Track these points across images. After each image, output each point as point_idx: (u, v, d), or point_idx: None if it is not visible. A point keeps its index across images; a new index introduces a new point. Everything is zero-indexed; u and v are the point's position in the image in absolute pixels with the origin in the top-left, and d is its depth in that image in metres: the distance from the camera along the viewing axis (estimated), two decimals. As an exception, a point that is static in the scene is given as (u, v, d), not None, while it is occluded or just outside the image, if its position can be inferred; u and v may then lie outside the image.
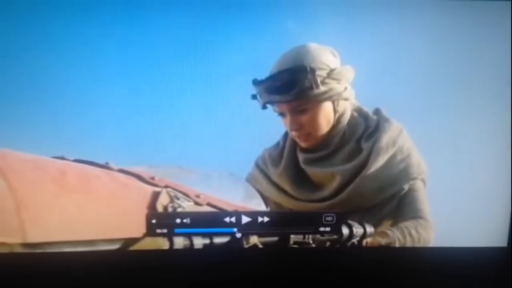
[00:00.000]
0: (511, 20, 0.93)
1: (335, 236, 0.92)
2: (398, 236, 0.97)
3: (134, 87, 0.92)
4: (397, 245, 0.97)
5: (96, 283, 0.86)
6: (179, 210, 0.81)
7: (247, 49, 0.94)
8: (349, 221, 0.94)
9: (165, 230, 0.81)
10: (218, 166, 0.94)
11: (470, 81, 0.98)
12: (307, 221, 0.92)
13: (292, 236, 0.90)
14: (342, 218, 0.93)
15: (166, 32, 0.92)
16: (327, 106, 1.00)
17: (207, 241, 0.83)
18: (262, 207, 0.99)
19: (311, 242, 0.92)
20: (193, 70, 0.92)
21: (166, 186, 0.80)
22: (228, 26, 0.94)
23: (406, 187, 1.01)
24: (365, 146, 1.01)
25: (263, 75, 0.97)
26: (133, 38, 0.91)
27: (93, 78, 0.91)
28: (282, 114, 1.01)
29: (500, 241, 1.00)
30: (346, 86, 1.00)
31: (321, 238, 0.92)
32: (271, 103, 0.99)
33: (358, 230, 0.94)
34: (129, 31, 0.91)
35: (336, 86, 0.98)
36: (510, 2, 0.93)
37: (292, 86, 0.95)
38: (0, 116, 0.86)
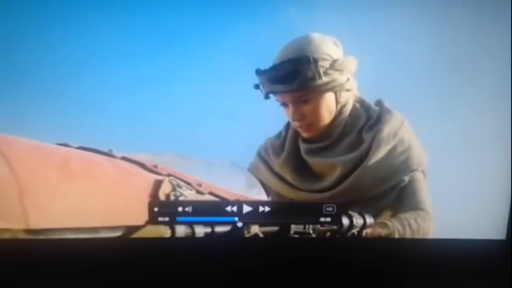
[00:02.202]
0: (511, 13, 0.93)
1: (335, 227, 0.93)
2: (397, 227, 0.98)
3: (137, 76, 0.92)
4: (396, 236, 0.97)
5: (97, 270, 0.87)
6: (181, 198, 0.81)
7: (250, 38, 0.94)
8: (350, 212, 0.94)
9: (167, 218, 0.81)
10: (221, 156, 0.94)
11: (472, 73, 0.98)
12: (307, 211, 0.92)
13: (292, 226, 0.90)
14: (343, 209, 0.93)
15: (169, 20, 0.92)
16: (329, 97, 1.00)
17: (208, 229, 0.83)
18: (263, 196, 0.99)
19: (311, 232, 0.92)
20: (197, 59, 0.92)
21: (168, 175, 0.80)
22: (231, 15, 0.94)
23: (406, 178, 1.01)
24: (367, 137, 1.01)
25: (266, 64, 0.96)
26: (135, 26, 0.91)
27: (98, 65, 0.91)
28: (284, 104, 1.01)
29: (498, 234, 1.00)
30: (348, 77, 1.00)
31: (322, 228, 0.93)
32: (274, 93, 0.99)
33: (358, 220, 0.94)
34: (131, 19, 0.91)
35: (338, 77, 0.98)
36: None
37: (295, 76, 0.95)
38: (4, 103, 0.85)
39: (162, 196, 0.78)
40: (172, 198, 0.80)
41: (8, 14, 0.86)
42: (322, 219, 0.92)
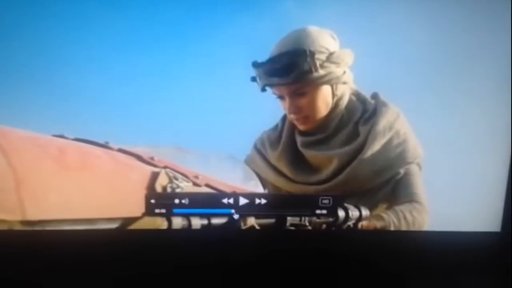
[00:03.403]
0: (511, 5, 0.93)
1: (331, 219, 0.93)
2: (393, 219, 0.98)
3: (134, 68, 0.92)
4: (392, 228, 0.98)
5: (94, 262, 0.87)
6: (177, 190, 0.81)
7: (247, 31, 0.94)
8: (345, 204, 0.94)
9: (163, 210, 0.82)
10: (217, 148, 0.94)
11: (469, 67, 0.98)
12: (303, 204, 0.93)
13: (288, 218, 0.90)
14: (338, 201, 0.93)
15: (166, 11, 0.92)
16: (325, 90, 1.00)
17: (205, 221, 0.83)
18: (259, 189, 0.99)
19: (307, 224, 0.92)
20: (193, 51, 0.92)
21: (165, 167, 0.80)
22: (228, 7, 0.93)
23: (402, 171, 1.02)
24: (363, 130, 1.02)
25: (262, 57, 0.96)
26: (132, 18, 0.91)
27: (94, 57, 0.90)
28: (281, 97, 1.01)
29: (493, 226, 1.01)
30: (345, 70, 1.00)
31: (317, 220, 0.93)
32: (270, 85, 0.99)
33: (354, 213, 0.95)
34: (128, 10, 0.90)
35: (335, 70, 0.98)
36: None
37: (291, 69, 0.95)
38: (1, 94, 0.85)
39: (158, 188, 0.78)
40: (168, 190, 0.80)
41: (4, 6, 0.86)
42: (318, 212, 0.92)
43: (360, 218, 0.96)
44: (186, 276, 0.93)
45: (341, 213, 0.93)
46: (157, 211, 0.81)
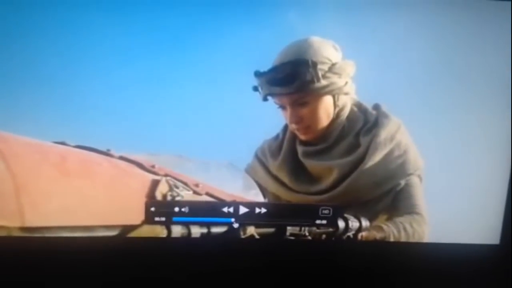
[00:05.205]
0: (511, 18, 0.94)
1: (331, 229, 0.93)
2: (393, 230, 0.98)
3: (136, 76, 0.92)
4: (391, 239, 0.98)
5: (93, 269, 0.87)
6: (177, 198, 0.81)
7: (249, 40, 0.94)
8: (345, 215, 0.94)
9: (163, 218, 0.82)
10: (218, 156, 0.94)
11: (469, 78, 0.99)
12: (304, 214, 0.93)
13: (288, 227, 0.91)
14: (339, 211, 0.93)
15: (168, 20, 0.92)
16: (327, 100, 1.00)
17: (204, 230, 0.83)
18: (260, 198, 0.99)
19: (307, 234, 0.92)
20: (196, 59, 0.92)
21: (165, 175, 0.80)
22: (231, 17, 0.94)
23: (402, 182, 1.01)
24: (364, 141, 1.02)
25: (265, 67, 0.96)
26: (134, 26, 0.91)
27: (96, 64, 0.90)
28: (282, 107, 1.01)
29: (492, 239, 1.01)
30: (347, 81, 1.00)
31: (317, 230, 0.93)
32: (272, 95, 0.99)
33: (353, 223, 0.95)
34: (129, 18, 0.90)
35: (337, 81, 0.98)
36: (510, 1, 0.94)
37: (293, 79, 0.95)
38: (3, 100, 0.85)
39: (159, 196, 0.78)
40: (169, 198, 0.80)
41: (6, 12, 0.86)
42: (318, 222, 0.92)
43: (360, 229, 0.96)
44: (185, 284, 0.93)
45: (341, 224, 0.93)
46: (156, 219, 0.81)
